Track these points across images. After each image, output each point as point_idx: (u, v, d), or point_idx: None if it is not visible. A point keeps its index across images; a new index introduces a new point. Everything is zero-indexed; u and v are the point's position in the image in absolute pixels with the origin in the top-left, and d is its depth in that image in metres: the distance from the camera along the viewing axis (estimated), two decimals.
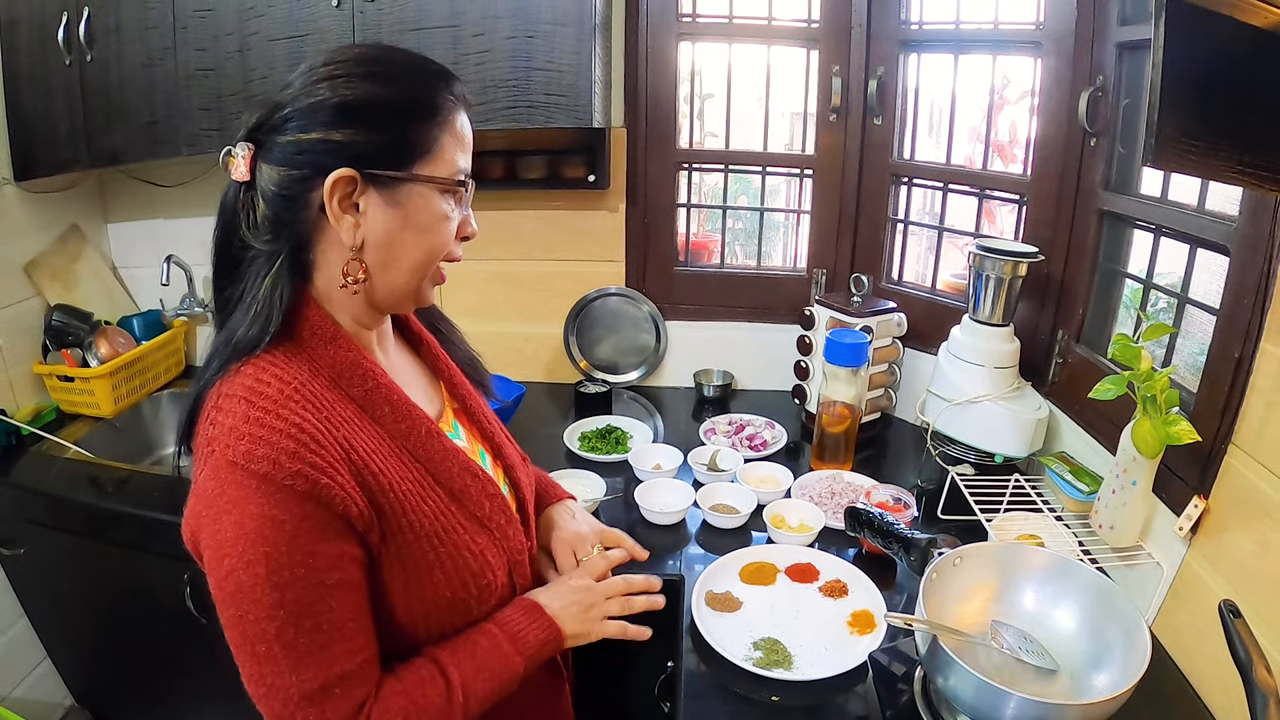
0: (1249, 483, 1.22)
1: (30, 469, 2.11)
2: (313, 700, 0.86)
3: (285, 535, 0.84)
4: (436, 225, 0.96)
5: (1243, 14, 0.89)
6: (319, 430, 0.88)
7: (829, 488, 1.80)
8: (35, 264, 2.36)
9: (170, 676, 2.25)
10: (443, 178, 0.95)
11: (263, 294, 0.92)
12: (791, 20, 2.23)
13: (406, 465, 0.98)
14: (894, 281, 2.29)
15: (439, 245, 0.98)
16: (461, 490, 1.02)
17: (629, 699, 1.78)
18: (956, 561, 1.16)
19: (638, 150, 2.32)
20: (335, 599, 0.87)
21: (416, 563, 0.95)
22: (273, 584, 0.83)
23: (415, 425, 1.00)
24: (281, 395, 0.88)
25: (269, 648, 0.85)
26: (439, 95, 0.95)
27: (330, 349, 0.95)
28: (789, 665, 1.31)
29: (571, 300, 2.44)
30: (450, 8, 1.86)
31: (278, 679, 0.86)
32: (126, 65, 2.06)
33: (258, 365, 0.91)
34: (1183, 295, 1.50)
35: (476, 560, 1.01)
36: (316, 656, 0.86)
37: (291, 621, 0.85)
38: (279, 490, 0.84)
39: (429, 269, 1.00)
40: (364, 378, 0.97)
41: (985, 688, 0.96)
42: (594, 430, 2.11)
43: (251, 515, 0.83)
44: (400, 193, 0.92)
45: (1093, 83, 1.67)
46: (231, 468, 0.84)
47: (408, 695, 0.92)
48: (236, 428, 0.86)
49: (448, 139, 0.95)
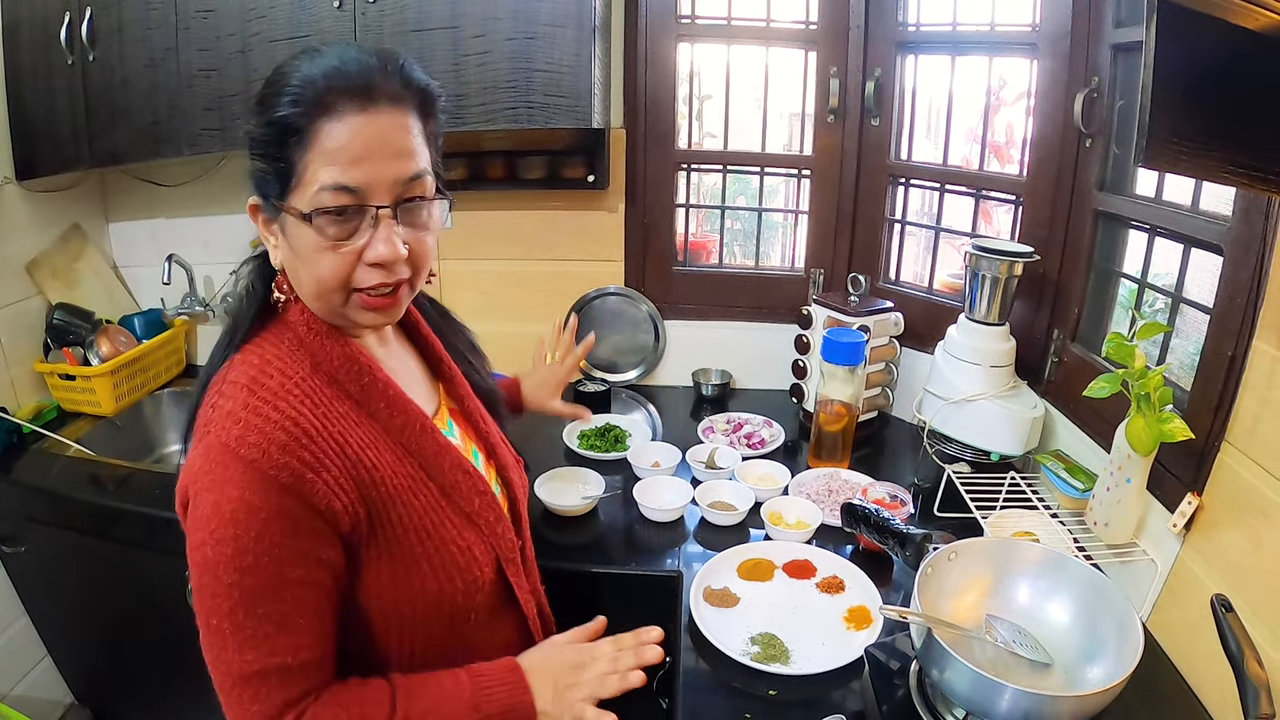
0: (1242, 480, 1.23)
1: (31, 467, 2.12)
2: (249, 682, 0.88)
3: (257, 522, 0.86)
4: (311, 257, 0.91)
5: (1234, 16, 0.90)
6: (314, 426, 0.90)
7: (826, 485, 1.81)
8: (37, 263, 2.36)
9: (170, 675, 2.21)
10: (297, 209, 0.89)
11: (239, 294, 1.01)
12: (790, 22, 2.24)
13: (400, 459, 0.99)
14: (891, 281, 2.30)
15: (323, 275, 0.92)
16: (452, 486, 1.04)
17: (625, 696, 1.78)
18: (951, 556, 1.17)
19: (637, 151, 2.32)
20: (292, 594, 0.89)
21: (404, 555, 0.97)
22: (235, 565, 0.86)
23: (410, 420, 1.02)
24: (282, 388, 0.91)
25: (220, 622, 0.87)
26: (292, 112, 0.87)
27: (327, 343, 0.98)
28: (786, 660, 1.32)
29: (571, 299, 2.45)
30: (451, 9, 1.87)
31: (222, 652, 0.88)
32: (129, 65, 2.07)
33: (263, 357, 0.94)
34: (1177, 294, 1.51)
35: (464, 555, 1.02)
36: (260, 644, 0.88)
37: (244, 604, 0.87)
38: (262, 478, 0.86)
39: (330, 298, 0.94)
40: (360, 373, 0.99)
41: (980, 680, 0.97)
42: (593, 429, 2.12)
43: (230, 498, 0.86)
44: (283, 222, 0.92)
45: (1088, 84, 1.68)
46: (222, 449, 0.87)
47: (348, 709, 0.93)
48: (234, 413, 0.89)
49: (312, 156, 0.88)
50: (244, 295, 1.01)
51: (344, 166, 0.87)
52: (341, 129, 0.87)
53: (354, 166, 0.88)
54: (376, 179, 0.89)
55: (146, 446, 2.49)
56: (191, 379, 2.64)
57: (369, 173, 0.89)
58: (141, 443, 2.47)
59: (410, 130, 0.92)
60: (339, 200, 0.88)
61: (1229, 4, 0.89)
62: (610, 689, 1.09)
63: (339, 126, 0.87)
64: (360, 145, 0.88)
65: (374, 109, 0.88)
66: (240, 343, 0.98)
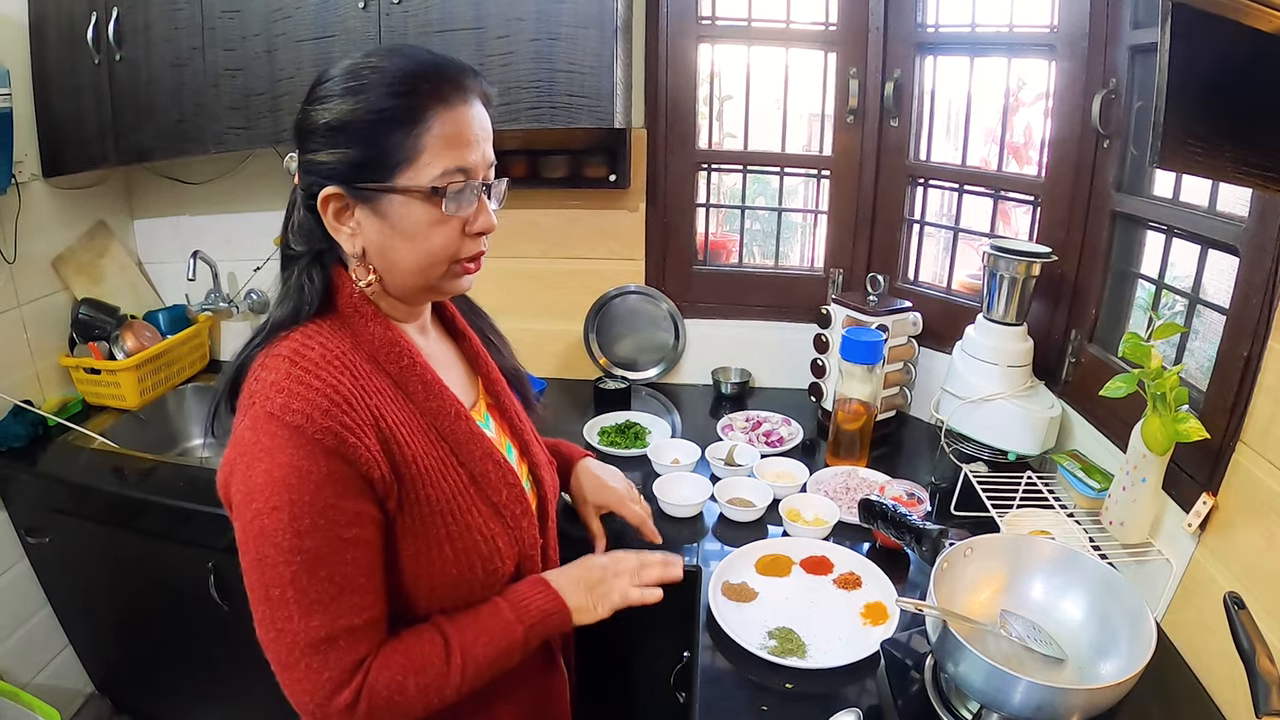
0: (1257, 480, 1.24)
1: (56, 459, 2.15)
2: (317, 649, 0.91)
3: (310, 486, 0.89)
4: (424, 231, 0.99)
5: (1248, 19, 0.91)
6: (353, 395, 0.94)
7: (844, 483, 1.83)
8: (62, 259, 2.41)
9: (190, 666, 2.29)
10: (420, 186, 0.96)
11: (292, 288, 1.02)
12: (809, 23, 2.25)
13: (432, 442, 1.03)
14: (910, 281, 2.31)
15: (434, 249, 1.00)
16: (481, 474, 1.07)
17: (643, 690, 1.82)
18: (967, 552, 1.18)
19: (658, 150, 2.34)
20: (350, 554, 0.92)
21: (428, 536, 1.00)
22: (294, 530, 0.89)
23: (445, 406, 1.05)
24: (323, 359, 0.95)
25: (283, 591, 0.90)
26: (417, 101, 0.95)
27: (370, 325, 1.02)
28: (803, 654, 1.34)
29: (592, 298, 2.47)
30: (475, 10, 1.89)
31: (287, 623, 0.91)
32: (155, 65, 2.11)
33: (305, 332, 0.98)
34: (1194, 296, 1.52)
35: (487, 544, 1.05)
36: (326, 606, 0.91)
37: (306, 568, 0.90)
38: (309, 443, 0.89)
39: (434, 270, 1.02)
40: (400, 355, 1.02)
41: (994, 673, 0.98)
42: (613, 425, 2.15)
43: (281, 464, 0.89)
44: (383, 204, 0.98)
45: (1106, 85, 1.69)
46: (269, 418, 0.90)
47: (407, 654, 0.97)
48: (278, 383, 0.92)
49: (431, 143, 0.96)
50: (303, 285, 1.03)
51: (461, 150, 0.98)
52: (455, 117, 0.97)
53: (469, 149, 0.98)
54: (480, 161, 1.01)
55: (170, 440, 2.53)
56: (215, 374, 2.69)
57: (476, 155, 0.99)
58: (165, 436, 2.51)
59: (489, 122, 1.04)
60: (456, 181, 0.98)
61: (1243, 6, 0.90)
62: (633, 596, 1.21)
63: (453, 115, 0.97)
64: (472, 131, 0.99)
65: (473, 101, 1.00)
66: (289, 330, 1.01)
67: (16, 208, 2.21)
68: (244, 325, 2.75)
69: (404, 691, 0.96)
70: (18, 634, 2.28)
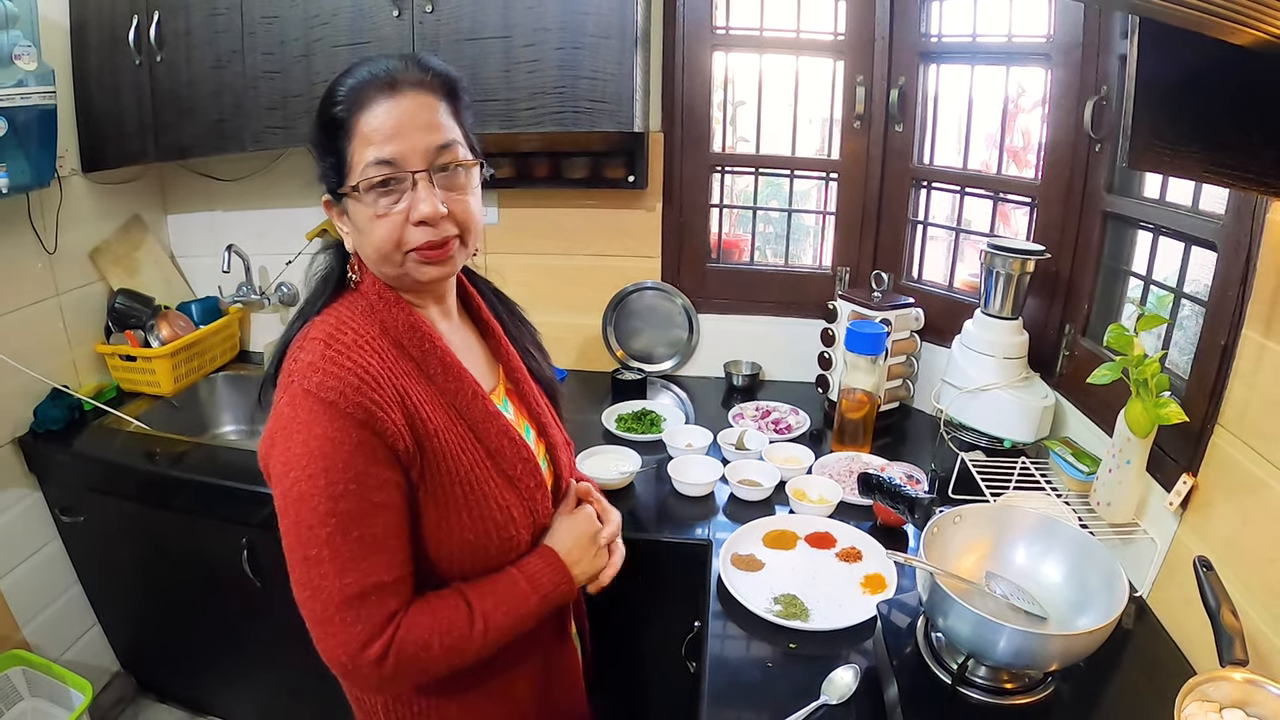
0: (1233, 460, 1.31)
1: (93, 441, 2.24)
2: (351, 603, 1.00)
3: (343, 454, 0.99)
4: (368, 226, 1.06)
5: (1223, 33, 0.95)
6: (380, 375, 1.05)
7: (847, 467, 1.92)
8: (100, 250, 2.50)
9: (218, 644, 2.36)
10: (350, 186, 1.05)
11: (315, 277, 1.17)
12: (818, 33, 2.32)
13: (451, 420, 1.12)
14: (913, 279, 2.39)
15: (379, 244, 1.07)
16: (497, 449, 1.16)
17: (654, 660, 1.89)
18: (956, 520, 1.27)
19: (674, 153, 2.43)
20: (380, 516, 1.02)
21: (447, 503, 1.09)
22: (329, 494, 0.98)
23: (463, 386, 1.15)
24: (354, 343, 1.06)
25: (319, 551, 0.99)
26: (343, 110, 1.04)
27: (393, 311, 1.12)
28: (806, 617, 1.44)
29: (610, 293, 2.56)
30: (504, 20, 1.98)
31: (323, 581, 1.00)
32: (196, 66, 2.20)
33: (339, 318, 1.09)
34: (1178, 290, 1.60)
35: (502, 513, 1.14)
36: (359, 564, 1.00)
37: (340, 529, 0.99)
38: (341, 416, 1.00)
39: (389, 260, 1.08)
40: (421, 339, 1.13)
41: (981, 622, 1.07)
42: (630, 413, 2.24)
43: (317, 435, 0.99)
44: (347, 205, 1.09)
45: (1098, 92, 1.77)
46: (306, 395, 1.01)
47: (434, 614, 1.06)
48: (314, 363, 1.03)
49: (355, 144, 1.04)
50: (323, 277, 1.16)
51: (379, 144, 1.03)
52: (373, 115, 1.03)
53: (388, 142, 1.03)
54: (409, 150, 1.04)
55: (201, 426, 2.61)
56: (245, 364, 2.79)
57: (401, 146, 1.04)
58: (196, 423, 2.59)
59: (436, 109, 1.07)
60: (381, 172, 1.03)
61: (1218, 23, 0.93)
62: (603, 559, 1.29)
63: (370, 113, 1.03)
64: (391, 124, 1.03)
65: (399, 94, 1.04)
66: (317, 311, 1.13)
67: (58, 201, 2.30)
68: (274, 317, 2.85)
69: (429, 649, 1.04)
70: (48, 611, 2.36)
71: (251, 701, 2.49)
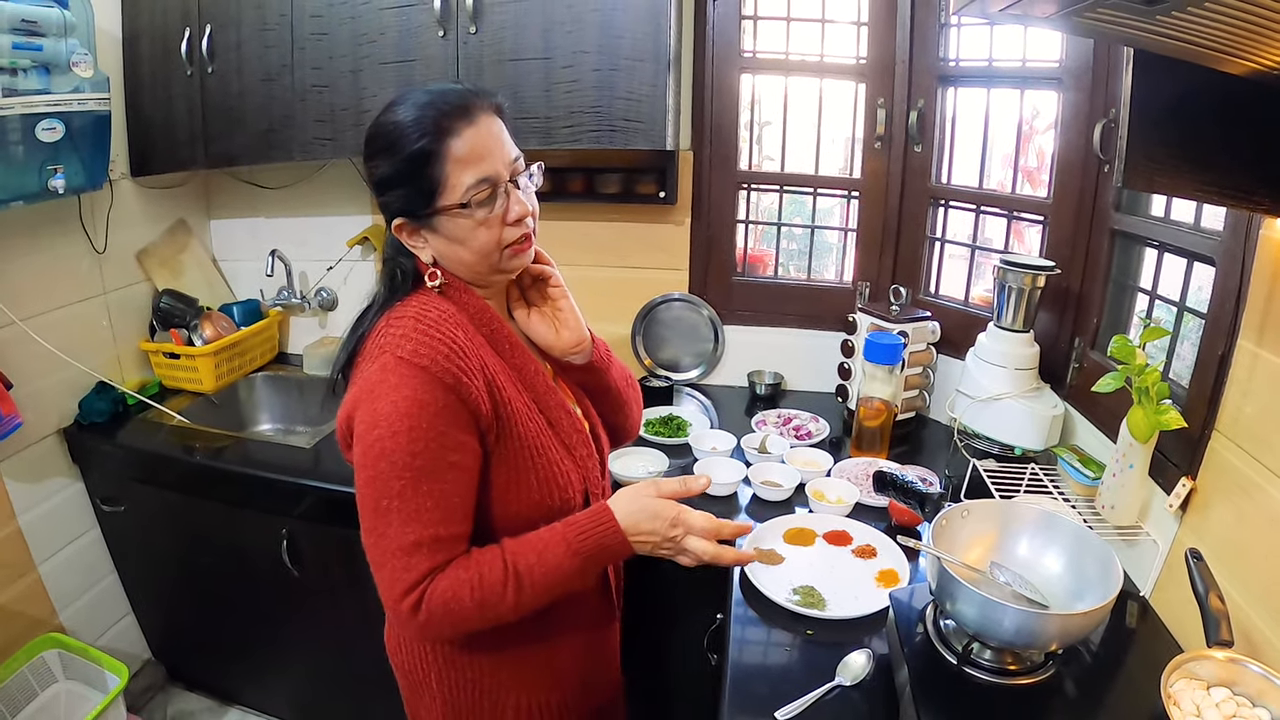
0: (1228, 463, 1.38)
1: (136, 433, 2.33)
2: (406, 552, 1.10)
3: (429, 414, 1.10)
4: (470, 235, 1.18)
5: (1218, 64, 1.01)
6: (466, 347, 1.17)
7: (864, 471, 2.00)
8: (146, 252, 2.61)
9: (251, 635, 2.44)
10: (455, 203, 1.15)
11: (387, 274, 1.27)
12: (841, 57, 2.41)
13: (519, 391, 1.25)
14: (931, 294, 2.46)
15: (483, 246, 1.19)
16: (556, 420, 1.29)
17: (677, 650, 1.97)
18: (964, 514, 1.36)
19: (702, 171, 2.51)
20: (450, 476, 1.13)
21: (518, 466, 1.21)
22: (409, 450, 1.09)
23: (528, 363, 1.28)
24: (441, 319, 1.18)
25: (390, 502, 1.10)
26: (431, 141, 1.13)
27: (467, 297, 1.25)
28: (822, 606, 1.53)
29: (639, 303, 2.65)
30: (544, 42, 2.06)
31: (387, 528, 1.11)
32: (246, 79, 2.30)
33: (421, 301, 1.21)
34: (1181, 304, 1.67)
35: (562, 477, 1.26)
36: (420, 517, 1.10)
37: (413, 483, 1.10)
38: (433, 380, 1.11)
39: (490, 259, 1.20)
40: (491, 320, 1.25)
41: (986, 603, 1.16)
42: (657, 418, 2.33)
43: (406, 397, 1.10)
44: (436, 223, 1.20)
45: (1106, 115, 1.84)
46: (399, 362, 1.12)
47: (468, 568, 1.14)
48: (408, 334, 1.15)
49: (451, 168, 1.14)
50: (396, 277, 1.26)
51: (476, 164, 1.15)
52: (462, 141, 1.14)
53: (482, 162, 1.15)
54: (501, 166, 1.17)
55: (240, 424, 2.71)
56: (284, 365, 2.88)
57: (495, 164, 1.16)
58: (236, 420, 2.69)
59: (501, 127, 1.20)
60: (484, 190, 1.15)
61: (1213, 56, 0.99)
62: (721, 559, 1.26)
63: (461, 140, 1.14)
64: (481, 147, 1.15)
65: (476, 120, 1.15)
66: (396, 303, 1.23)
67: (109, 203, 2.41)
68: (313, 321, 2.95)
69: (460, 601, 1.11)
70: (85, 598, 2.45)
71: (280, 691, 2.56)
